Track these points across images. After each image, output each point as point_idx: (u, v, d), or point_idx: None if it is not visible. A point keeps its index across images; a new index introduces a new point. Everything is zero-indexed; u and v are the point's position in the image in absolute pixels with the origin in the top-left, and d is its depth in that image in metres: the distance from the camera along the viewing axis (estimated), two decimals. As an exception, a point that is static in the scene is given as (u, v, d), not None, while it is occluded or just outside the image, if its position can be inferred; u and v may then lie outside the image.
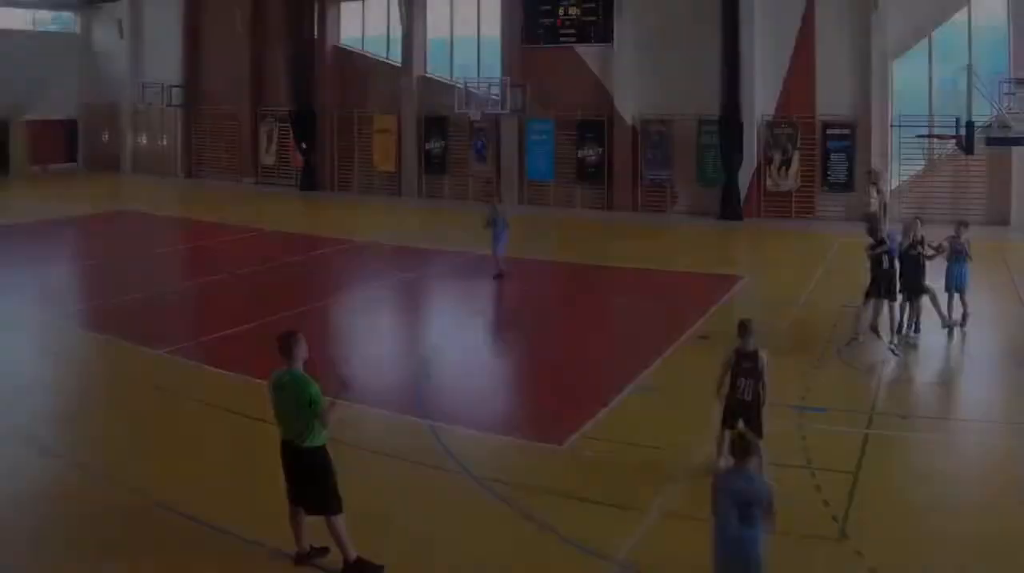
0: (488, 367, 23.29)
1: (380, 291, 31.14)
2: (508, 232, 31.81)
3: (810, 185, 47.33)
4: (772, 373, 15.74)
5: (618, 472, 15.45)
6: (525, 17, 53.06)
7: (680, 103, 49.00)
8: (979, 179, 44.99)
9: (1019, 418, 18.41)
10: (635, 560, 12.70)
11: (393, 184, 57.98)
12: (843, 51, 46.52)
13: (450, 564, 12.75)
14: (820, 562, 12.70)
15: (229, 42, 63.28)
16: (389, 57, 58.51)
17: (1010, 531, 13.31)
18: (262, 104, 62.91)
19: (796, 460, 15.81)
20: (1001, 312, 27.16)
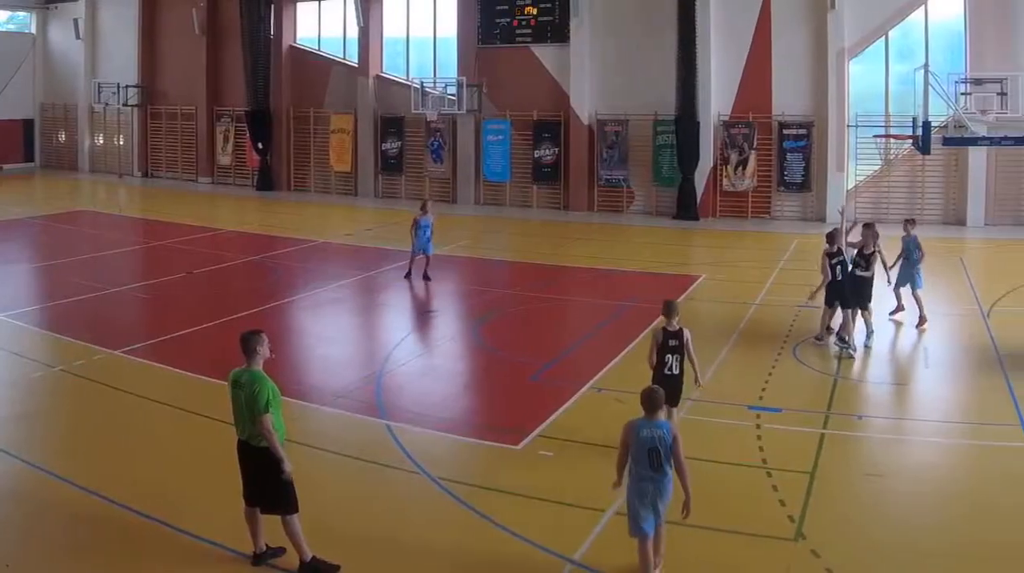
0: (445, 367, 22.46)
1: (337, 291, 30.26)
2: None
3: (766, 185, 46.63)
4: (730, 369, 17.43)
5: (575, 472, 15.09)
6: (481, 17, 52.30)
7: (636, 103, 48.17)
8: (935, 179, 44.35)
9: (975, 418, 18.15)
10: (592, 560, 12.43)
11: (349, 184, 56.83)
12: (799, 51, 45.63)
13: (407, 564, 12.45)
14: (777, 562, 12.35)
15: (185, 42, 61.93)
16: (345, 57, 57.43)
17: (965, 530, 13.21)
18: (218, 104, 61.76)
19: (753, 460, 15.57)
20: (958, 312, 26.58)
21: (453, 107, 51.17)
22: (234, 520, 12.40)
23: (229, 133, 61.04)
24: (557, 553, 12.49)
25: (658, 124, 47.72)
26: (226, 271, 33.68)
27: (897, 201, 44.38)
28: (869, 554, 12.51)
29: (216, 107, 61.75)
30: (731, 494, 14.30)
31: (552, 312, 27.27)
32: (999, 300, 27.45)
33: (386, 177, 55.93)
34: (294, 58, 58.90)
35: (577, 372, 20.73)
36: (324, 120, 57.33)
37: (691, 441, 14.88)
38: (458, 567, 12.47)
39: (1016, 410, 17.89)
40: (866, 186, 45.41)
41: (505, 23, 51.80)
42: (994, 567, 12.23)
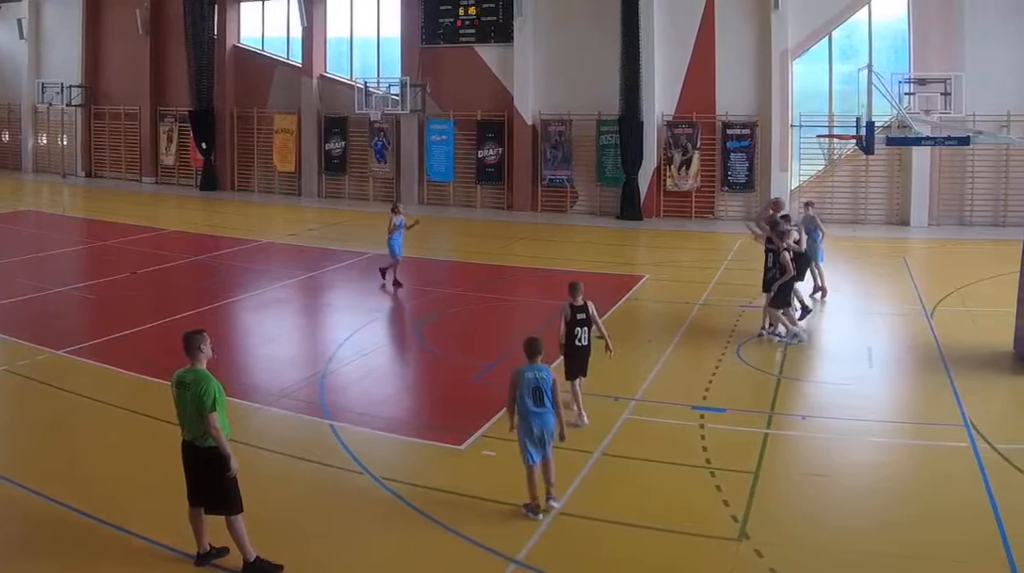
0: (388, 367, 21.93)
1: (280, 291, 29.32)
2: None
3: (710, 185, 45.33)
4: (672, 368, 17.67)
5: (518, 472, 14.14)
6: (425, 17, 50.82)
7: (580, 103, 46.85)
8: (879, 179, 43.22)
9: (919, 418, 17.95)
10: (536, 560, 12.08)
11: (293, 184, 55.17)
12: (743, 51, 44.43)
13: (351, 564, 12.16)
14: (720, 562, 12.07)
15: (129, 42, 59.55)
16: (289, 57, 55.68)
17: (909, 530, 12.90)
18: (162, 104, 59.57)
19: (697, 460, 15.27)
20: (901, 312, 25.87)
21: (397, 107, 49.87)
22: (177, 520, 12.09)
23: (173, 133, 58.89)
24: (500, 553, 12.16)
25: (602, 124, 46.44)
26: (170, 271, 32.54)
27: (841, 201, 43.27)
28: (812, 554, 12.23)
29: (160, 107, 59.67)
30: (675, 494, 14.12)
31: (496, 312, 26.43)
32: (942, 300, 26.81)
33: (330, 177, 54.28)
34: (237, 58, 56.84)
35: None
36: (268, 120, 55.41)
37: (635, 441, 16.04)
38: (401, 567, 12.21)
39: (959, 410, 17.49)
40: (810, 186, 44.14)
41: (448, 23, 50.36)
42: (938, 567, 11.94)
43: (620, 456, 15.49)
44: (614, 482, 14.61)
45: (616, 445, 15.93)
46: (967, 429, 16.49)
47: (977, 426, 16.50)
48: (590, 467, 15.03)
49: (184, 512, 11.88)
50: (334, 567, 12.12)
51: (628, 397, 18.05)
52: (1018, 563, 11.68)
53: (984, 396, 18.44)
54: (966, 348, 21.72)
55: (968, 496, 13.82)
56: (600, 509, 13.35)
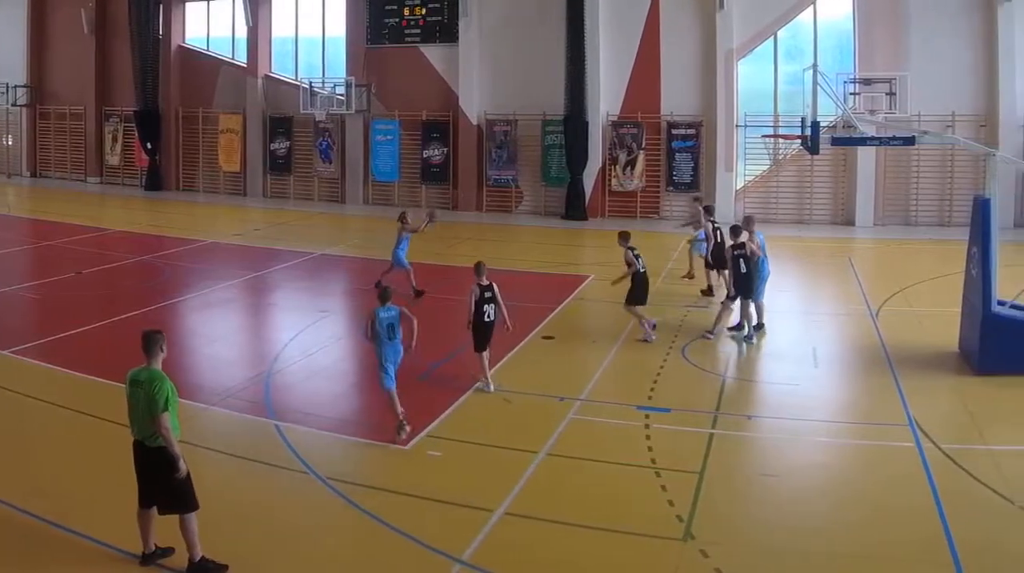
0: (334, 367, 21.13)
1: (226, 291, 28.48)
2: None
3: (655, 185, 43.89)
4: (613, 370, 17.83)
5: (463, 472, 14.54)
6: (370, 17, 48.86)
7: (525, 103, 45.25)
8: (824, 179, 41.84)
9: (864, 418, 17.48)
10: (481, 560, 11.77)
11: (238, 184, 52.99)
12: (688, 51, 43.00)
13: (296, 564, 11.78)
14: (665, 562, 11.80)
15: (74, 42, 56.76)
16: (234, 57, 53.47)
17: (854, 530, 12.64)
18: (107, 104, 56.66)
19: (641, 460, 14.92)
20: (847, 312, 25.36)
21: (342, 107, 47.95)
22: (123, 520, 11.76)
23: (118, 133, 56.12)
24: (446, 553, 11.85)
25: (547, 124, 44.93)
26: (115, 271, 31.34)
27: (786, 201, 41.90)
28: (758, 554, 12.01)
29: (105, 107, 56.83)
30: (620, 494, 13.77)
31: (441, 312, 25.09)
32: (888, 300, 26.19)
33: (275, 177, 52.12)
34: (183, 58, 54.45)
35: (465, 372, 19.42)
36: (213, 120, 53.09)
37: (580, 441, 15.70)
38: (347, 567, 11.91)
39: (905, 410, 17.13)
40: (755, 186, 43.18)
41: (394, 23, 48.49)
42: (884, 567, 11.66)
43: (565, 456, 15.12)
44: (559, 482, 14.24)
45: (561, 445, 15.56)
46: (912, 429, 16.10)
47: (922, 426, 16.13)
48: (535, 467, 14.64)
49: (130, 511, 11.54)
50: (279, 567, 11.79)
51: (573, 397, 17.69)
52: (963, 563, 11.43)
53: (929, 396, 18.10)
54: (911, 348, 21.22)
55: (913, 496, 13.50)
56: (545, 509, 13.06)
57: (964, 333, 20.38)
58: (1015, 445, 15.54)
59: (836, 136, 28.16)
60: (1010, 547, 11.97)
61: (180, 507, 11.21)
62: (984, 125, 38.90)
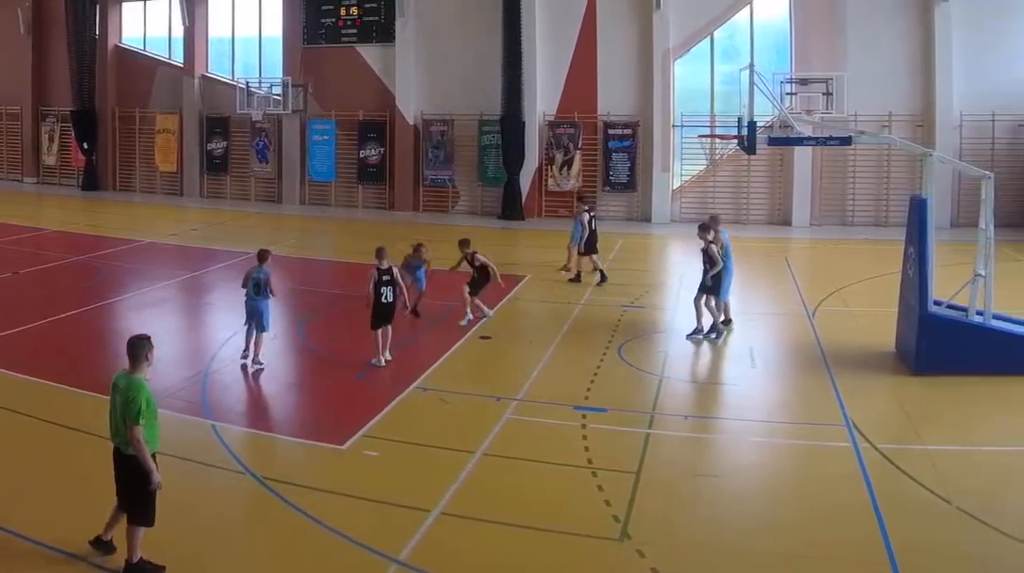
0: (271, 367, 19.86)
1: (162, 291, 27.45)
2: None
3: (592, 185, 41.56)
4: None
5: (400, 472, 14.07)
6: (306, 17, 46.50)
7: (462, 103, 43.39)
8: (761, 179, 40.25)
9: (801, 418, 16.96)
10: (418, 559, 11.38)
11: (175, 184, 50.21)
12: (625, 51, 41.22)
13: (232, 565, 11.34)
14: (602, 562, 11.42)
15: (10, 42, 53.65)
16: (171, 57, 50.71)
17: (791, 530, 12.33)
18: (44, 104, 53.74)
19: (578, 460, 14.46)
20: (783, 312, 24.69)
21: (278, 107, 45.58)
22: (59, 520, 11.80)
23: (54, 133, 53.34)
24: (383, 553, 11.47)
25: (483, 124, 42.88)
26: (52, 271, 30.07)
27: (722, 201, 39.99)
28: (694, 554, 11.69)
29: (41, 107, 53.34)
30: (556, 494, 13.32)
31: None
32: (824, 300, 25.44)
33: (211, 177, 49.38)
34: (119, 58, 51.56)
35: (402, 372, 19.05)
36: (149, 120, 50.26)
37: (517, 441, 15.16)
38: (283, 567, 11.35)
39: (841, 410, 16.66)
40: (691, 186, 41.35)
41: (330, 23, 46.13)
42: (821, 567, 11.35)
43: (502, 456, 14.61)
44: (496, 482, 13.73)
45: (498, 445, 15.05)
46: (849, 429, 15.66)
47: (859, 426, 15.69)
48: (472, 467, 14.15)
49: (70, 511, 11.77)
50: (215, 567, 11.35)
51: (510, 397, 17.20)
52: (899, 562, 11.12)
53: (866, 396, 17.56)
54: (848, 348, 20.64)
55: (850, 496, 13.12)
56: (482, 509, 12.64)
57: (901, 333, 19.85)
58: (951, 445, 15.07)
59: (773, 136, 26.26)
60: (946, 547, 11.62)
61: (135, 517, 10.75)
62: (921, 125, 37.74)
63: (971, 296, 18.60)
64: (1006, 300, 20.01)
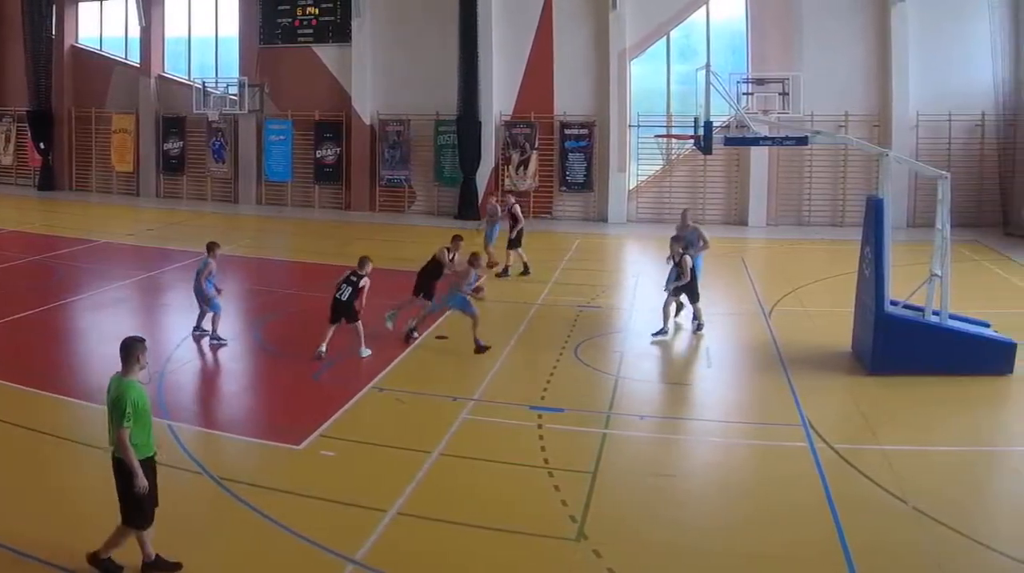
0: (227, 367, 19.74)
1: (118, 291, 26.46)
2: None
3: (548, 185, 40.41)
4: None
5: (356, 472, 13.70)
6: (263, 17, 44.56)
7: (418, 103, 41.66)
8: (717, 179, 39.01)
9: (757, 418, 16.50)
10: (374, 560, 10.95)
11: (131, 184, 48.07)
12: (581, 51, 39.76)
13: (188, 564, 10.68)
14: (559, 563, 11.09)
15: (-34, 42, 51.59)
16: (127, 57, 48.82)
17: (748, 530, 11.84)
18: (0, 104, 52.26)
19: (534, 460, 14.06)
20: (739, 312, 23.94)
21: (235, 107, 43.78)
22: (16, 522, 11.49)
23: (11, 133, 51.33)
24: (339, 553, 11.07)
25: (440, 124, 41.19)
26: (8, 271, 29.04)
27: (679, 201, 38.33)
28: (651, 554, 11.33)
29: (-3, 107, 51.87)
30: (512, 494, 12.95)
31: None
32: (780, 300, 24.76)
33: (168, 177, 47.23)
34: (76, 58, 49.54)
35: (359, 372, 18.58)
36: (106, 120, 48.10)
37: (473, 442, 14.75)
38: (239, 567, 10.92)
39: (798, 410, 16.23)
40: (648, 186, 39.88)
41: (287, 23, 44.19)
42: (778, 566, 10.99)
43: (458, 456, 14.20)
44: (452, 482, 13.35)
45: (454, 445, 14.61)
46: (805, 429, 15.29)
47: (815, 426, 15.33)
48: (428, 467, 13.73)
49: (25, 509, 11.68)
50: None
51: (466, 397, 16.72)
52: (856, 562, 10.86)
53: (822, 396, 17.16)
54: (804, 348, 20.09)
55: (807, 496, 12.79)
56: (438, 509, 12.26)
57: (857, 333, 19.32)
58: (907, 445, 14.70)
59: (729, 136, 26.16)
60: (902, 547, 11.33)
61: (129, 520, 10.39)
62: (877, 125, 36.66)
63: (927, 296, 18.16)
64: (962, 300, 19.74)
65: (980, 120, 35.77)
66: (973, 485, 13.40)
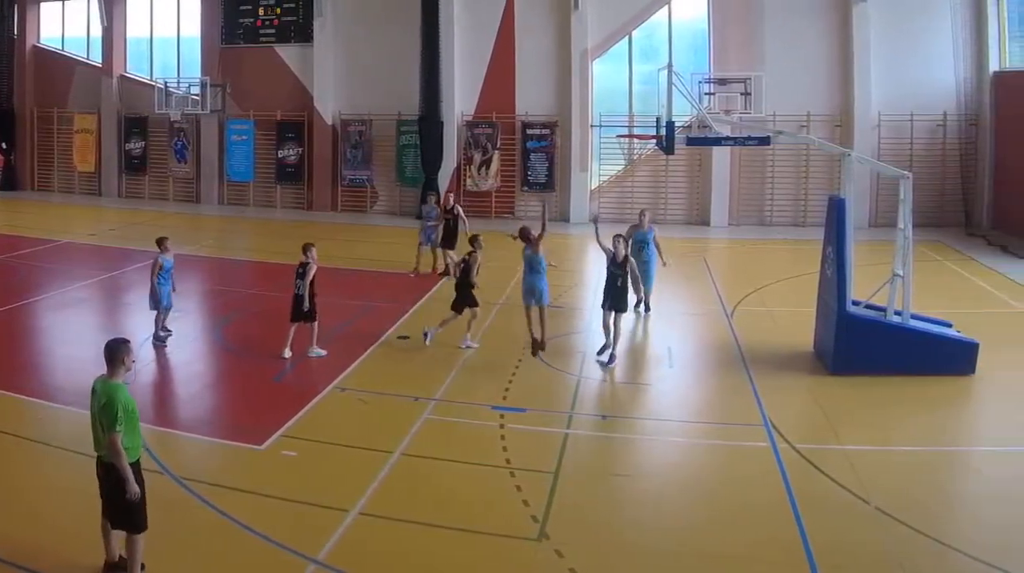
0: (188, 368, 19.18)
1: (80, 291, 25.75)
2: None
3: (510, 185, 39.06)
4: (476, 371, 17.57)
5: (318, 472, 13.15)
6: (225, 17, 43.08)
7: (380, 103, 40.24)
8: (679, 179, 37.79)
9: (720, 418, 16.14)
10: (336, 559, 10.72)
11: (93, 184, 46.33)
12: (543, 51, 38.44)
13: (149, 564, 10.18)
14: (520, 563, 10.87)
15: (-72, 42, 49.77)
16: (89, 57, 47.26)
17: (710, 530, 11.64)
18: (-38, 104, 50.07)
19: (496, 460, 13.63)
20: (702, 312, 23.40)
21: (197, 107, 42.13)
22: None
23: (-27, 134, 49.57)
24: (301, 553, 10.77)
25: (402, 124, 39.75)
26: None
27: (641, 201, 37.07)
28: (613, 554, 11.00)
29: (-41, 108, 49.71)
30: (473, 494, 12.58)
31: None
32: (743, 300, 24.18)
33: (130, 177, 45.56)
34: (38, 58, 47.82)
35: (320, 372, 18.15)
36: (68, 120, 46.33)
37: (435, 442, 14.41)
38: (201, 567, 10.60)
39: (760, 410, 15.84)
40: (610, 186, 38.58)
41: (249, 23, 42.69)
42: (740, 567, 10.66)
43: (420, 456, 13.84)
44: (414, 482, 13.02)
45: (416, 445, 14.26)
46: (767, 429, 14.91)
47: (777, 426, 14.96)
48: (390, 467, 13.41)
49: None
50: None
51: (428, 397, 16.32)
52: (818, 562, 10.63)
53: (784, 396, 16.73)
54: (766, 348, 19.66)
55: (769, 495, 12.49)
56: (400, 509, 11.96)
57: (819, 333, 18.90)
58: (869, 445, 14.34)
59: (691, 136, 25.53)
60: (864, 546, 11.09)
61: (128, 525, 9.96)
62: (839, 125, 35.65)
63: (889, 296, 17.77)
64: (924, 300, 19.48)
65: (942, 120, 35.01)
66: (935, 485, 13.09)
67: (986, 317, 21.60)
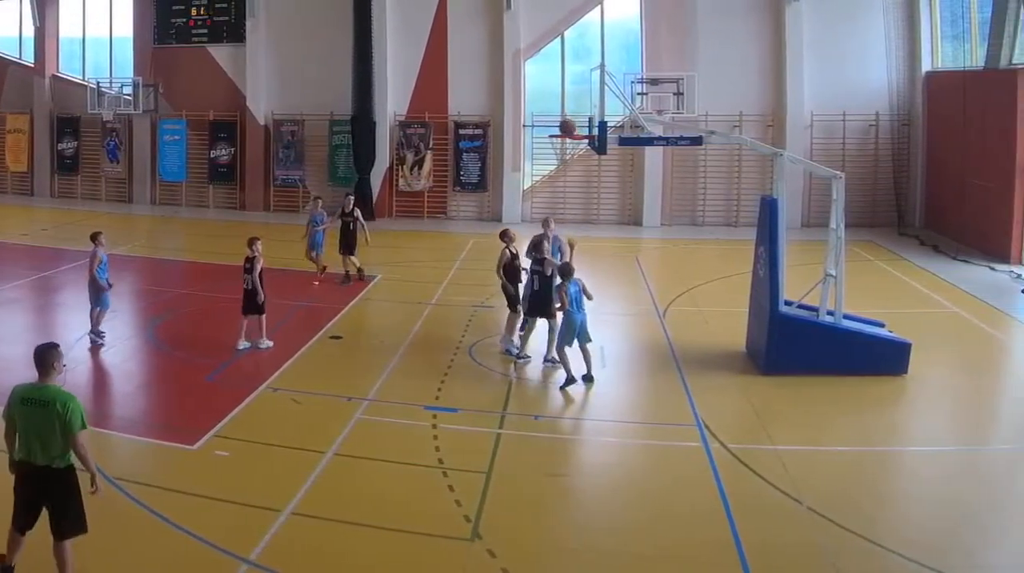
0: (121, 367, 18.29)
1: (12, 291, 24.54)
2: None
3: (443, 185, 37.03)
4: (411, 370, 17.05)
5: (251, 472, 12.72)
6: (157, 17, 40.43)
7: (313, 103, 37.92)
8: (612, 179, 35.98)
9: (652, 418, 15.43)
10: (268, 559, 10.43)
11: (26, 184, 43.39)
12: (476, 50, 36.48)
13: (82, 566, 9.82)
14: (453, 562, 10.56)
15: None
16: (21, 57, 44.51)
17: (643, 530, 11.36)
18: None
19: (428, 460, 13.14)
20: (634, 312, 22.52)
21: (129, 107, 39.69)
22: None
23: (-97, 134, 46.51)
24: (233, 553, 10.32)
25: (334, 124, 37.51)
26: None
27: (573, 201, 35.63)
28: (545, 554, 10.77)
29: None
30: (406, 494, 12.12)
31: (228, 312, 21.60)
32: (675, 300, 23.35)
33: (62, 177, 42.78)
34: (-30, 58, 44.82)
35: (253, 372, 17.49)
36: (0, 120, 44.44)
37: (367, 441, 13.97)
38: (133, 567, 10.29)
39: (692, 410, 15.27)
40: (542, 186, 36.66)
41: (181, 23, 40.10)
42: (673, 567, 10.45)
43: (352, 456, 13.25)
44: (346, 482, 12.37)
45: (348, 445, 13.62)
46: (700, 429, 14.44)
47: (709, 426, 14.47)
48: (323, 467, 12.75)
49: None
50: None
51: (360, 397, 15.73)
52: (750, 563, 10.18)
53: (716, 396, 16.20)
54: (698, 348, 19.07)
55: (701, 496, 11.98)
56: (333, 509, 11.41)
57: (751, 333, 18.27)
58: (801, 445, 13.91)
59: (624, 136, 24.35)
60: (796, 547, 10.69)
61: (75, 531, 9.21)
62: (771, 125, 34.04)
63: (822, 296, 17.25)
64: (857, 300, 19.03)
65: (874, 120, 33.55)
66: (868, 485, 12.66)
67: (918, 317, 21.11)
